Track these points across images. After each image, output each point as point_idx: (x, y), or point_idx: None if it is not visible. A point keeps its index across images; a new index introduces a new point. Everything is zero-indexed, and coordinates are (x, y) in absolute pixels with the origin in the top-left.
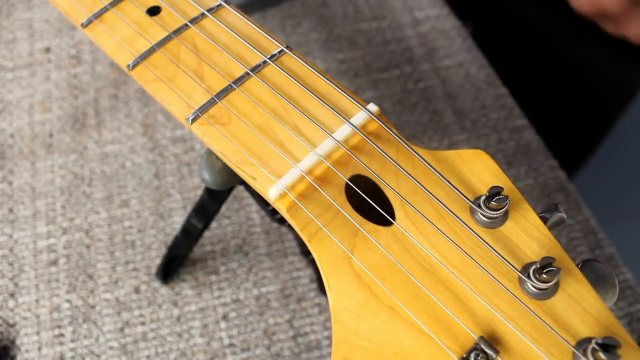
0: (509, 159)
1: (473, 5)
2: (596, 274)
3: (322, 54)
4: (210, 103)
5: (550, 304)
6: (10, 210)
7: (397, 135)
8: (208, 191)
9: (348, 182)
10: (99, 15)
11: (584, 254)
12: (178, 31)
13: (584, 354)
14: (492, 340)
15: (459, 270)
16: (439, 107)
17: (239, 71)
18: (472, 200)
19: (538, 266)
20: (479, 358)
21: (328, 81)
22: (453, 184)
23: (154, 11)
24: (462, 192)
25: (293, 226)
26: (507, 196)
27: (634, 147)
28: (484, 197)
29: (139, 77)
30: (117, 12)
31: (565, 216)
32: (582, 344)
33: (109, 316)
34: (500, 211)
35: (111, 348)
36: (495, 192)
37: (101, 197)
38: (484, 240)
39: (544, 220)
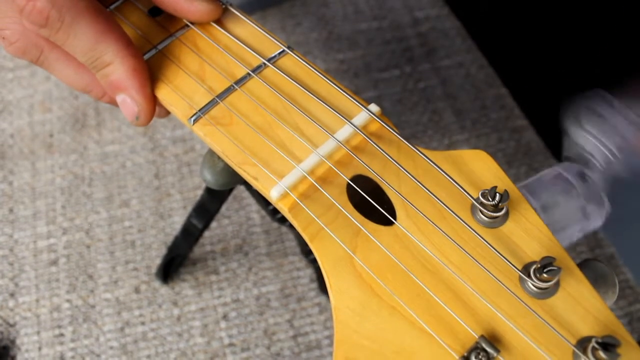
0: (509, 158)
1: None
2: (596, 274)
3: (322, 54)
4: (212, 104)
5: (550, 303)
6: (11, 210)
7: (398, 135)
8: (209, 191)
9: (349, 182)
10: None
11: (584, 254)
12: (179, 32)
13: (584, 352)
14: (493, 339)
15: (460, 269)
16: (439, 107)
17: (241, 72)
18: (474, 197)
19: (539, 266)
20: (480, 357)
21: (329, 81)
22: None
23: (155, 12)
24: (464, 189)
25: (295, 226)
26: (508, 197)
27: None
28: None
29: None
30: (116, 12)
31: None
32: (582, 342)
33: (109, 316)
34: (501, 211)
35: (111, 348)
36: (496, 192)
37: (101, 197)
38: (485, 240)
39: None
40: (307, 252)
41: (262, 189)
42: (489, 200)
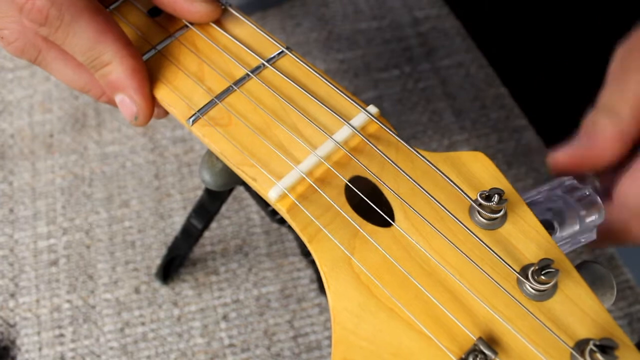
0: (508, 159)
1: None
2: (594, 276)
3: (322, 54)
4: (211, 104)
5: (548, 305)
6: (11, 211)
7: (397, 136)
8: (208, 192)
9: (348, 183)
10: None
11: (584, 254)
12: (178, 32)
13: (582, 355)
14: (490, 341)
15: (458, 271)
16: (439, 107)
17: (240, 73)
18: (473, 199)
19: (536, 268)
20: (478, 359)
21: (328, 83)
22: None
23: (155, 12)
24: (463, 191)
25: (293, 227)
26: (506, 199)
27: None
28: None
29: None
30: (115, 12)
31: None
32: (580, 345)
33: (109, 316)
34: (499, 213)
35: (111, 348)
36: (495, 194)
37: (101, 197)
38: (482, 242)
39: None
40: (307, 252)
41: (261, 189)
42: (487, 202)
